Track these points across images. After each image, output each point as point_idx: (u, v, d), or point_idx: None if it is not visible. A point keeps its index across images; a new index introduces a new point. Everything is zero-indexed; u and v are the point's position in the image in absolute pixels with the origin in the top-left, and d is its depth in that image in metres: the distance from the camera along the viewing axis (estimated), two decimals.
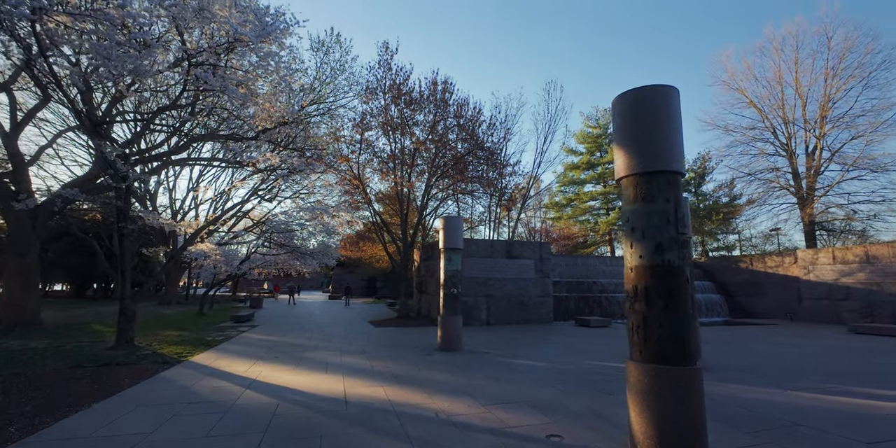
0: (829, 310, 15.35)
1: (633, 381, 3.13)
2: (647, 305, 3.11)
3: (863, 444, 3.36)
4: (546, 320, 14.85)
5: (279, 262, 20.93)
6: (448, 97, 14.23)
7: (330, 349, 8.41)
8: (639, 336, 3.14)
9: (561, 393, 4.99)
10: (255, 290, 38.79)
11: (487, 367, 6.63)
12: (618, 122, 3.51)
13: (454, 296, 8.68)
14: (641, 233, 3.22)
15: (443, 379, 5.74)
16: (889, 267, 14.19)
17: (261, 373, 6.09)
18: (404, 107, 14.24)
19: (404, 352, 8.09)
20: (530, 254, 15.39)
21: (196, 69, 7.25)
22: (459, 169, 14.80)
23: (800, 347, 8.92)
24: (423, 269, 17.62)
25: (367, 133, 14.24)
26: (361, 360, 7.21)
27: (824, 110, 19.80)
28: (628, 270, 3.32)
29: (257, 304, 21.69)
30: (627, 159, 3.35)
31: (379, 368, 6.43)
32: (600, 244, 29.62)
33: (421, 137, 13.90)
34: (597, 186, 30.92)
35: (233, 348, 8.49)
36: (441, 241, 9.01)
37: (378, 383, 5.45)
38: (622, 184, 3.45)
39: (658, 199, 3.19)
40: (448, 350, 8.25)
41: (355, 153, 13.99)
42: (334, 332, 11.56)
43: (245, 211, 18.06)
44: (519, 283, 14.86)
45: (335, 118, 13.94)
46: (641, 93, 3.37)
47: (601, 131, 30.70)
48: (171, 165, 16.81)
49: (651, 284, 3.11)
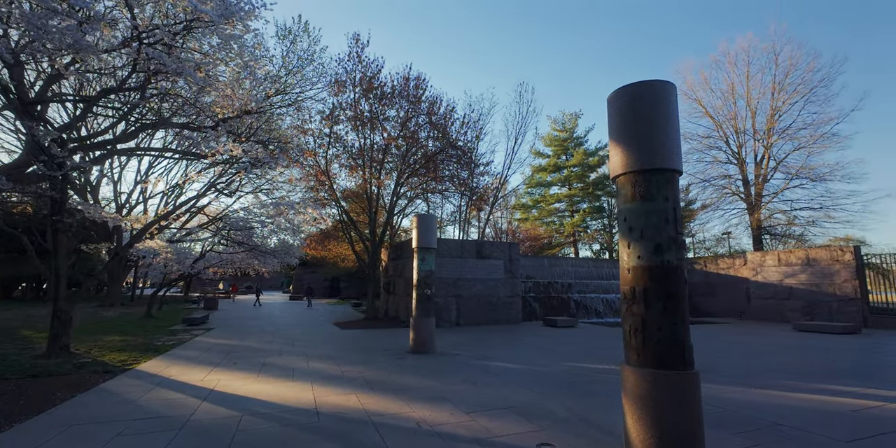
0: (774, 309, 16.37)
1: (629, 386, 3.01)
2: (646, 308, 3.00)
3: (843, 442, 3.43)
4: (514, 321, 14.88)
5: (237, 261, 19.81)
6: (420, 94, 13.95)
7: (295, 354, 7.91)
8: (637, 339, 3.02)
9: (542, 396, 4.86)
10: (210, 291, 36.66)
11: (463, 370, 6.43)
12: (615, 118, 3.39)
13: (427, 297, 8.42)
14: (640, 233, 3.11)
15: (419, 384, 5.47)
16: (827, 269, 15.30)
17: (219, 381, 5.57)
18: (375, 102, 13.82)
19: (375, 355, 7.74)
20: (500, 254, 15.38)
21: (148, 48, 6.56)
22: (431, 167, 14.54)
23: (753, 345, 9.35)
24: (391, 269, 17.21)
25: (337, 127, 13.70)
26: (330, 365, 6.80)
27: (771, 122, 21.19)
28: (625, 271, 3.21)
29: (212, 305, 20.43)
30: (625, 156, 3.24)
31: (350, 374, 6.07)
32: (565, 245, 30.30)
33: (393, 133, 13.52)
34: (562, 189, 31.60)
35: (186, 354, 7.80)
36: (414, 239, 8.73)
37: (351, 390, 5.10)
38: (619, 182, 3.34)
39: (657, 197, 3.10)
40: (421, 353, 7.98)
41: (324, 146, 13.38)
42: (298, 335, 10.97)
43: (200, 206, 16.91)
44: (488, 284, 14.81)
45: (302, 110, 13.28)
46: (640, 88, 3.27)
47: (567, 135, 31.42)
48: (116, 155, 15.45)
49: (650, 286, 3.01)
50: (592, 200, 30.09)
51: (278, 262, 19.43)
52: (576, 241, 29.77)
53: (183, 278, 21.68)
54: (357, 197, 17.36)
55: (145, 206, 21.74)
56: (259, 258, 18.02)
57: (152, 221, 11.02)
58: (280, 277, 55.82)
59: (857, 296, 14.33)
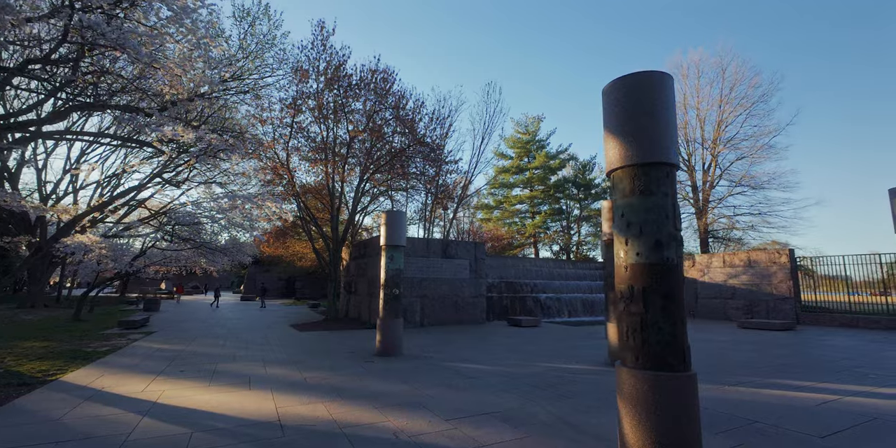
0: (719, 308, 17.41)
1: (627, 389, 2.87)
2: (646, 307, 2.87)
3: (818, 438, 3.49)
4: (479, 321, 14.79)
5: (182, 259, 18.38)
6: (388, 87, 13.49)
7: (250, 359, 7.28)
8: (635, 340, 2.89)
9: (521, 399, 4.68)
10: (151, 291, 33.91)
11: (435, 373, 6.15)
12: (613, 109, 3.26)
13: (396, 297, 8.07)
14: (639, 228, 2.98)
15: (391, 389, 5.13)
16: (765, 270, 16.46)
17: (163, 392, 4.94)
18: (340, 93, 13.21)
19: (340, 359, 7.28)
20: (465, 254, 15.25)
21: (84, 14, 5.76)
22: (397, 164, 14.13)
23: (708, 342, 9.78)
24: (352, 269, 16.60)
25: (299, 117, 12.94)
26: (291, 370, 6.28)
27: (718, 133, 22.63)
28: (622, 269, 3.08)
29: (153, 306, 18.79)
30: (624, 149, 3.11)
31: (314, 380, 5.61)
32: (526, 246, 30.82)
33: (359, 127, 12.96)
34: (524, 190, 32.14)
35: (122, 362, 6.96)
36: (382, 236, 8.35)
37: (317, 399, 4.68)
38: (615, 176, 3.20)
39: (657, 192, 2.98)
40: (388, 355, 7.62)
41: (286, 136, 12.57)
42: (252, 338, 10.21)
43: (141, 199, 15.45)
44: (454, 284, 14.62)
45: (261, 98, 12.42)
46: (640, 78, 3.15)
47: (530, 137, 31.98)
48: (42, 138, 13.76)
49: (649, 284, 2.89)
50: (553, 202, 30.81)
51: (229, 260, 18.23)
52: (536, 241, 30.35)
53: (119, 277, 19.83)
54: (317, 193, 16.59)
55: (75, 197, 19.64)
56: (208, 256, 16.79)
57: (83, 213, 9.85)
58: (230, 277, 52.80)
59: (792, 295, 15.52)
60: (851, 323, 14.18)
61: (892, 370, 6.41)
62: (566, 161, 30.97)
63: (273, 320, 15.25)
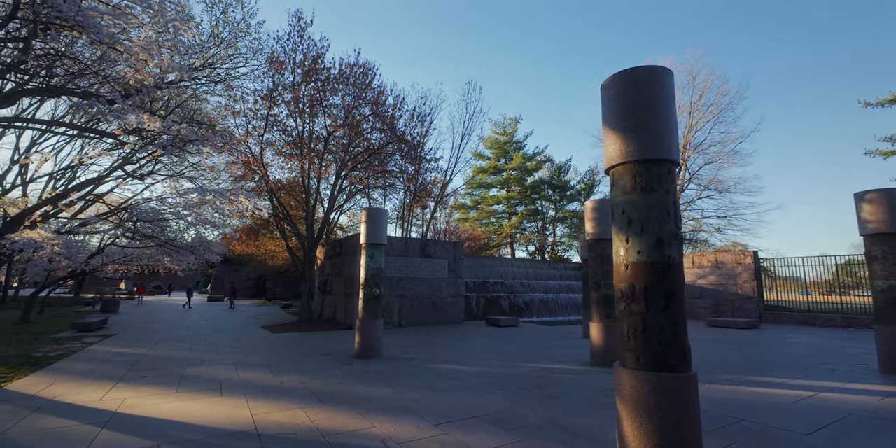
0: (689, 307, 17.98)
1: (628, 391, 2.80)
2: (647, 307, 2.81)
3: (804, 435, 3.55)
4: (457, 321, 14.69)
5: (144, 257, 17.39)
6: (368, 81, 13.15)
7: (220, 363, 6.88)
8: (636, 340, 2.82)
9: (509, 401, 4.58)
10: (109, 291, 32.02)
11: (418, 375, 5.97)
12: (613, 104, 3.19)
13: (376, 297, 7.84)
14: (640, 226, 2.92)
15: (374, 393, 4.92)
16: (732, 271, 17.12)
17: (125, 401, 4.55)
18: (318, 86, 12.79)
19: (317, 362, 6.99)
20: (444, 253, 15.12)
21: None
22: (378, 161, 13.83)
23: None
24: (327, 268, 16.16)
25: (275, 109, 12.41)
26: (266, 375, 5.95)
27: (687, 138, 23.42)
28: (622, 267, 3.01)
29: (112, 307, 17.69)
30: (625, 145, 3.04)
31: (291, 385, 5.32)
32: (502, 246, 31.01)
33: (337, 122, 12.57)
34: (501, 191, 32.34)
35: (77, 367, 6.43)
36: (363, 235, 8.10)
37: (296, 405, 4.41)
38: (616, 172, 3.13)
39: (658, 189, 2.93)
40: (368, 358, 7.37)
41: (260, 129, 12.00)
42: (221, 340, 9.72)
43: (99, 194, 14.48)
44: (432, 284, 14.46)
45: (233, 89, 11.84)
46: (640, 73, 3.09)
47: (507, 139, 32.21)
48: None
49: (651, 283, 2.83)
50: (529, 203, 31.13)
51: (196, 258, 17.37)
52: (512, 242, 30.59)
53: (74, 276, 18.61)
54: (291, 189, 16.05)
55: (24, 189, 18.24)
56: (173, 254, 15.93)
57: (34, 206, 9.10)
58: (195, 276, 50.62)
59: (755, 295, 16.20)
60: (809, 321, 14.93)
61: (854, 366, 6.70)
62: (543, 163, 31.36)
63: (243, 321, 14.64)
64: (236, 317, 16.67)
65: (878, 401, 4.69)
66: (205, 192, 7.77)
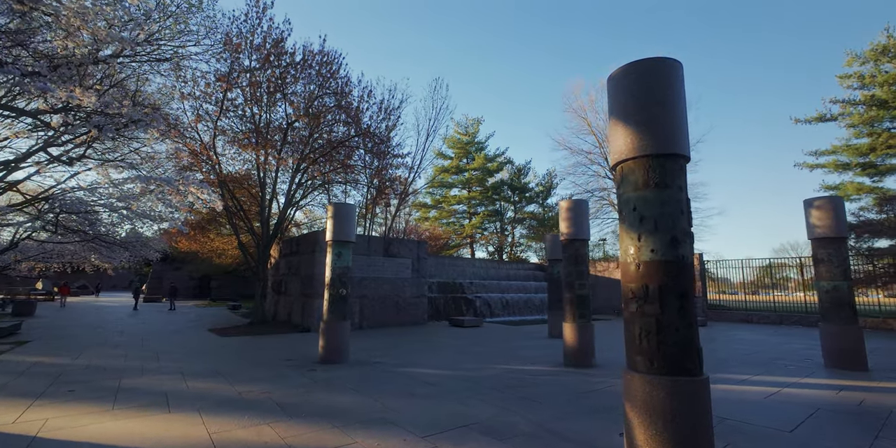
0: None
1: (640, 396, 2.65)
2: (662, 308, 2.68)
3: (787, 432, 3.61)
4: (420, 322, 14.36)
5: (67, 254, 15.54)
6: (334, 71, 12.47)
7: (164, 372, 6.11)
8: (650, 343, 2.68)
9: (494, 408, 4.36)
10: (24, 292, 28.41)
11: (391, 381, 5.61)
12: (622, 96, 3.05)
13: (342, 298, 7.35)
14: (654, 223, 2.79)
15: (348, 403, 4.51)
16: None
17: (46, 422, 3.83)
18: (278, 73, 11.95)
19: (278, 368, 6.41)
20: (408, 253, 14.74)
21: None
22: (338, 155, 13.16)
23: None
24: (282, 267, 15.23)
25: (231, 94, 11.40)
26: (221, 384, 5.33)
27: None
28: (632, 267, 2.87)
29: (27, 310, 15.62)
30: (637, 139, 2.90)
31: (252, 396, 4.78)
32: (462, 246, 31.02)
33: (299, 111, 11.76)
34: (463, 191, 32.36)
35: None
36: (329, 231, 7.58)
37: (260, 419, 3.92)
38: (625, 168, 2.99)
39: (672, 185, 2.82)
40: (333, 363, 6.88)
41: (216, 114, 10.94)
42: (163, 345, 8.76)
43: (12, 181, 12.67)
44: (396, 284, 14.04)
45: (182, 69, 10.74)
46: (650, 65, 2.97)
47: (470, 139, 32.30)
48: None
49: (665, 283, 2.70)
50: (489, 204, 31.39)
51: (131, 256, 15.78)
52: (473, 242, 30.69)
53: None
54: (242, 182, 14.94)
55: None
56: (102, 251, 14.31)
57: None
58: (128, 275, 46.34)
59: (701, 295, 17.23)
60: (747, 319, 16.09)
61: (802, 361, 7.16)
62: (504, 164, 31.74)
63: (186, 324, 13.42)
64: (178, 319, 15.28)
65: (836, 394, 4.96)
66: (149, 180, 6.85)
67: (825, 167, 17.94)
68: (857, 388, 5.22)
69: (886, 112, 16.07)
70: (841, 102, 17.14)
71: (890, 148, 16.37)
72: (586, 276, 7.27)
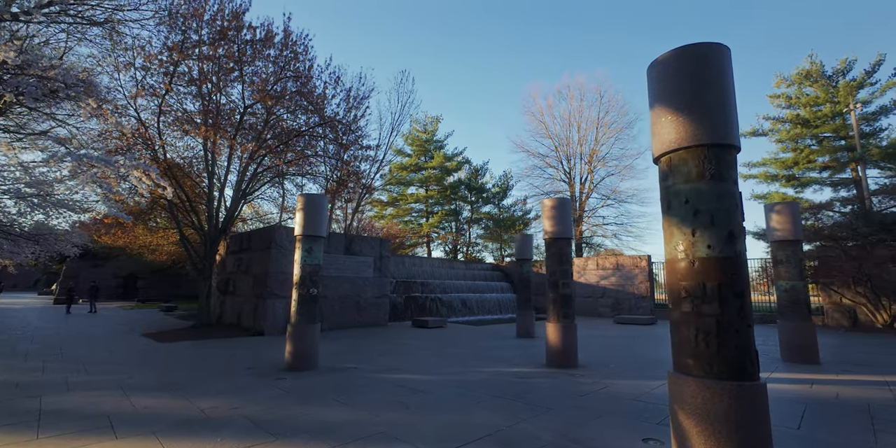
0: (592, 306, 19.49)
1: (699, 403, 2.45)
2: (722, 307, 2.50)
3: (794, 429, 3.64)
4: (381, 323, 13.77)
5: None
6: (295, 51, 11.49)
7: (97, 387, 5.14)
8: (710, 346, 2.49)
9: (502, 416, 4.05)
10: None
11: (374, 389, 5.12)
12: (672, 83, 2.86)
13: (313, 298, 6.70)
14: (710, 218, 2.62)
15: (336, 417, 3.97)
16: (630, 273, 18.96)
17: None
18: (235, 51, 10.81)
19: (240, 378, 5.64)
20: (370, 251, 14.09)
21: None
22: (304, 143, 12.21)
23: (605, 338, 10.56)
24: (229, 265, 13.92)
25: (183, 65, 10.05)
26: (175, 400, 4.53)
27: (594, 151, 25.67)
28: (684, 264, 2.67)
29: None
30: (690, 128, 2.72)
31: (219, 413, 4.08)
32: (419, 245, 30.57)
33: (265, 92, 10.56)
34: (420, 189, 31.90)
35: None
36: (298, 225, 6.90)
37: (237, 442, 3.30)
38: (675, 158, 2.80)
39: (728, 178, 2.66)
40: (302, 370, 6.22)
41: (166, 86, 9.50)
42: (89, 354, 7.51)
43: None
44: (356, 283, 13.34)
45: (121, 35, 9.31)
46: (700, 51, 2.80)
47: (429, 137, 31.94)
48: None
49: (725, 281, 2.53)
50: (446, 203, 31.22)
51: (41, 250, 13.66)
52: (429, 241, 30.34)
53: None
54: (187, 170, 13.47)
55: None
56: (3, 245, 12.21)
57: None
58: (33, 273, 40.68)
59: (648, 294, 18.17)
60: None
61: (762, 356, 7.55)
62: (462, 164, 31.73)
63: (114, 328, 11.79)
64: (102, 323, 13.43)
65: (811, 388, 5.21)
66: (80, 157, 5.65)
67: (757, 177, 19.79)
68: (825, 382, 5.54)
69: (808, 130, 17.98)
70: (772, 119, 18.97)
71: (810, 162, 18.34)
72: (570, 275, 7.20)
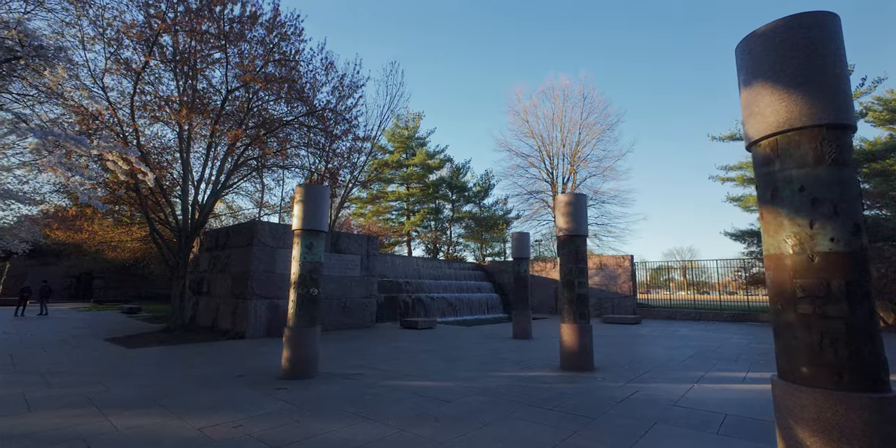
0: None
1: (829, 418, 2.13)
2: (852, 309, 2.20)
3: None
4: (368, 324, 13.16)
5: None
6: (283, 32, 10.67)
7: (64, 404, 4.37)
8: (839, 353, 2.18)
9: (549, 430, 3.65)
10: None
11: (390, 399, 4.61)
12: (780, 55, 2.52)
13: (313, 299, 6.09)
14: (833, 207, 2.31)
15: (363, 434, 3.46)
16: (613, 273, 19.10)
17: None
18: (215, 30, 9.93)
19: (234, 389, 4.99)
20: (357, 249, 13.45)
21: None
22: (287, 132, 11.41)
23: (606, 338, 10.38)
24: (203, 263, 12.92)
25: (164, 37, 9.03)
26: (164, 418, 3.87)
27: (577, 151, 25.83)
28: (801, 259, 2.35)
29: None
30: (805, 106, 2.41)
31: (221, 432, 3.47)
32: (400, 243, 29.87)
33: (252, 73, 9.65)
34: (402, 187, 31.20)
35: None
36: (297, 218, 6.28)
37: None
38: (782, 140, 2.48)
39: (850, 163, 2.37)
40: (302, 377, 5.62)
41: (147, 58, 8.40)
42: (47, 362, 6.58)
43: None
44: (343, 283, 12.68)
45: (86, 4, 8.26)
46: (818, 18, 2.49)
47: (411, 133, 31.30)
48: None
49: (853, 279, 2.22)
50: (428, 201, 30.70)
51: None
52: (410, 239, 29.73)
53: None
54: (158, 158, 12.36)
55: None
56: None
57: None
58: None
59: (631, 294, 18.35)
60: (671, 316, 17.47)
61: (762, 355, 7.56)
62: (444, 162, 31.28)
63: (71, 333, 10.62)
64: (57, 326, 12.12)
65: None
66: (46, 135, 4.74)
67: (734, 180, 20.36)
68: None
69: None
70: None
71: None
72: (586, 273, 6.92)
